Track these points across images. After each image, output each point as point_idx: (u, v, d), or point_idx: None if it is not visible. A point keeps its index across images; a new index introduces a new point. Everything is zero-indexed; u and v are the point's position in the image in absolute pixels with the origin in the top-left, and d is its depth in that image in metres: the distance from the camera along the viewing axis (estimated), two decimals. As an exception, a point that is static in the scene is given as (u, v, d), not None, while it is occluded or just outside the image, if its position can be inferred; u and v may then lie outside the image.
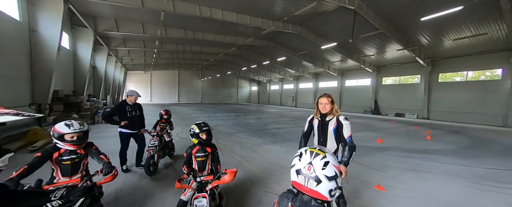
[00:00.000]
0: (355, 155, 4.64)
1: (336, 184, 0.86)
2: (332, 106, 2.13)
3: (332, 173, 0.86)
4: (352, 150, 1.97)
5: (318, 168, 0.86)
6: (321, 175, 0.85)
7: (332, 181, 0.85)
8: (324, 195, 0.85)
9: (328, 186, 0.84)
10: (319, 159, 0.88)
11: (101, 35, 12.80)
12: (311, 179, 0.86)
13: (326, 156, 0.89)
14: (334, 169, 0.87)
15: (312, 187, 0.86)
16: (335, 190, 0.87)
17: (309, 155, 0.90)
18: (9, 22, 6.25)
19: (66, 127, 1.74)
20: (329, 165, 0.86)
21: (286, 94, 32.30)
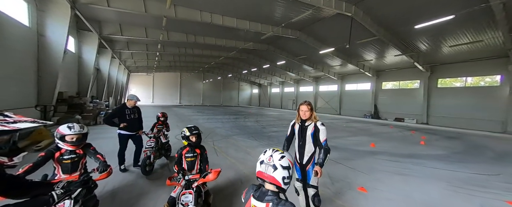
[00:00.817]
0: (345, 158, 4.81)
1: (289, 173, 1.10)
2: (311, 113, 2.32)
3: (286, 164, 1.10)
4: (327, 152, 2.17)
5: (276, 159, 1.11)
6: (277, 164, 1.10)
7: (286, 170, 1.09)
8: (278, 180, 1.08)
9: (282, 174, 1.08)
10: (278, 154, 1.14)
11: (106, 38, 13.21)
12: (270, 167, 1.10)
13: (284, 154, 1.15)
14: (288, 162, 1.12)
15: (270, 173, 1.10)
16: (287, 178, 1.10)
17: (271, 151, 1.17)
18: (18, 28, 6.61)
19: (67, 129, 1.96)
20: (284, 158, 1.12)
21: (286, 97, 32.46)
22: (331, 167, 4.38)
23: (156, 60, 21.47)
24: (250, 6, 10.49)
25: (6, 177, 1.05)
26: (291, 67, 24.21)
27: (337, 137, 8.19)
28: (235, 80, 38.25)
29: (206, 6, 10.28)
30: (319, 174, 2.09)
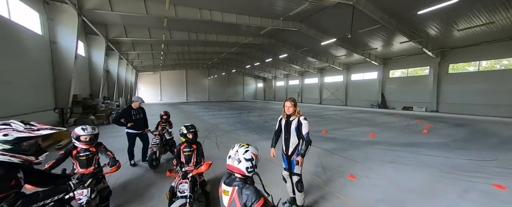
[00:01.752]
0: (342, 149, 4.97)
1: (252, 164, 1.35)
2: (295, 109, 2.53)
3: (249, 157, 1.35)
4: (308, 144, 2.40)
5: (241, 153, 1.35)
6: (241, 157, 1.34)
7: (248, 162, 1.34)
8: (243, 170, 1.34)
9: (246, 165, 1.33)
10: (243, 149, 1.38)
11: (112, 41, 13.74)
12: (235, 160, 1.35)
13: (249, 148, 1.38)
14: (251, 155, 1.36)
15: (236, 165, 1.35)
16: (251, 168, 1.35)
17: (238, 147, 1.41)
18: (33, 37, 7.13)
19: (82, 131, 2.30)
20: (248, 152, 1.36)
21: (291, 90, 32.30)
22: (325, 158, 4.58)
23: (161, 59, 22.02)
24: (249, 0, 10.44)
25: (35, 171, 1.37)
26: (295, 59, 23.92)
27: (337, 129, 8.28)
28: (239, 75, 38.40)
29: (204, 3, 10.37)
30: (300, 163, 2.33)
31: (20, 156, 1.14)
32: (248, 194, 1.27)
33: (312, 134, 6.92)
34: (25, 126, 1.17)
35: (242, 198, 1.27)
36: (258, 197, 1.28)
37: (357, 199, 2.81)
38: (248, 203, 1.26)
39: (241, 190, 1.30)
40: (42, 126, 1.23)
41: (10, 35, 5.96)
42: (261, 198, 1.29)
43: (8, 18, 5.83)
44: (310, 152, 4.91)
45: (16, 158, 1.13)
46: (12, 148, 1.10)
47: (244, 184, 1.32)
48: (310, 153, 4.85)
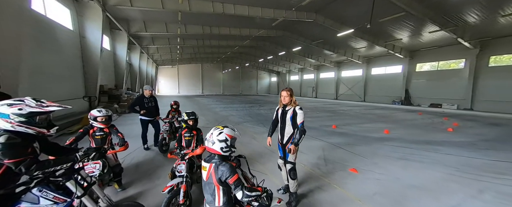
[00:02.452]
0: (349, 144, 4.84)
1: (226, 144, 1.44)
2: (291, 98, 2.53)
3: (223, 138, 1.45)
4: (302, 133, 2.41)
5: (215, 135, 1.47)
6: (215, 139, 1.45)
7: (222, 143, 1.44)
8: (217, 150, 1.44)
9: (220, 145, 1.45)
10: (217, 131, 1.49)
11: (134, 35, 14.66)
12: (210, 142, 1.46)
13: (223, 130, 1.48)
14: (225, 136, 1.46)
15: (211, 146, 1.46)
16: (226, 148, 1.44)
17: (214, 130, 1.51)
18: (66, 32, 7.94)
19: (98, 112, 2.61)
20: (222, 134, 1.46)
21: (306, 85, 31.45)
22: (330, 151, 4.49)
23: (177, 53, 22.95)
24: (261, -9, 10.23)
25: (50, 143, 1.62)
26: (310, 52, 23.05)
27: (349, 124, 7.95)
28: (253, 69, 38.36)
29: (217, -4, 10.43)
30: (292, 151, 2.35)
31: (34, 128, 1.35)
32: (223, 170, 1.36)
33: (321, 129, 6.85)
34: (36, 102, 1.37)
35: (217, 173, 1.36)
36: (233, 173, 1.36)
37: (355, 191, 2.75)
38: (222, 177, 1.35)
39: (217, 166, 1.39)
40: (50, 103, 1.43)
41: (47, 31, 6.73)
42: (235, 174, 1.36)
43: (44, 15, 6.58)
44: (315, 145, 4.94)
45: (31, 130, 1.34)
46: (26, 121, 1.31)
47: (222, 162, 1.41)
48: (314, 146, 4.87)
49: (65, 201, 1.49)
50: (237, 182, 1.35)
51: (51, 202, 1.44)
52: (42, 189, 1.42)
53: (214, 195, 1.39)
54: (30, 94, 4.54)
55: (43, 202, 1.42)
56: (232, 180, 1.34)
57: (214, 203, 1.40)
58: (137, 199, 2.66)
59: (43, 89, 6.10)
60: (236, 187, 1.35)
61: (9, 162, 1.23)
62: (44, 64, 6.30)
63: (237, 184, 1.35)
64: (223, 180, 1.35)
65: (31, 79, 5.37)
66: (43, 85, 6.17)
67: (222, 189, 1.39)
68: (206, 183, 1.44)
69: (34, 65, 5.71)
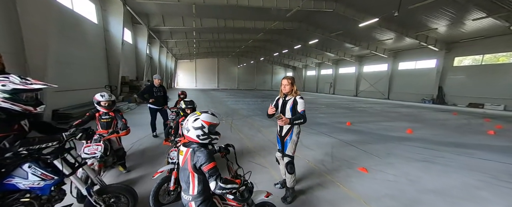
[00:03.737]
0: (362, 142, 4.44)
1: (202, 131, 1.32)
2: (292, 87, 2.31)
3: (198, 125, 1.32)
4: (301, 117, 2.18)
5: (190, 122, 1.34)
6: (190, 126, 1.33)
7: (198, 130, 1.32)
8: (194, 138, 1.32)
9: (196, 133, 1.31)
10: (193, 117, 1.36)
11: (153, 29, 15.29)
12: (185, 129, 1.35)
13: (200, 116, 1.35)
14: (202, 122, 1.32)
15: (187, 133, 1.34)
16: (202, 135, 1.32)
17: (190, 116, 1.39)
18: (92, 26, 8.55)
19: (101, 97, 2.69)
20: (198, 120, 1.34)
21: (323, 80, 30.03)
22: (339, 148, 4.16)
23: (194, 47, 23.51)
24: (276, -20, 9.74)
25: (41, 122, 1.66)
26: (329, 46, 21.73)
27: (366, 122, 7.34)
28: (268, 63, 37.80)
29: (231, -13, 10.23)
30: (282, 120, 2.05)
31: (19, 105, 1.38)
32: (199, 156, 1.25)
33: (333, 125, 6.43)
34: (21, 80, 1.38)
35: (193, 159, 1.25)
36: (209, 160, 1.23)
37: (360, 191, 2.47)
38: (197, 164, 1.23)
39: (194, 152, 1.27)
40: (36, 81, 1.44)
41: (74, 24, 7.31)
42: (212, 161, 1.23)
43: (72, 9, 7.12)
44: (323, 141, 4.64)
45: (16, 106, 1.36)
46: (11, 97, 1.34)
47: (200, 148, 1.29)
48: (322, 142, 4.57)
49: (53, 178, 1.52)
50: (212, 171, 1.22)
51: (39, 178, 1.47)
52: (31, 165, 1.46)
53: (189, 182, 1.29)
54: (57, 82, 4.89)
55: (31, 178, 1.46)
56: (207, 168, 1.22)
57: (188, 191, 1.29)
58: (136, 182, 2.73)
59: (68, 78, 6.69)
60: (210, 176, 1.22)
61: None
62: (70, 54, 6.88)
63: (212, 173, 1.22)
64: (198, 166, 1.23)
65: (57, 69, 5.90)
66: (69, 74, 6.76)
67: (197, 177, 1.27)
68: (181, 169, 1.34)
69: (60, 55, 6.25)
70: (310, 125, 6.50)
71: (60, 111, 5.79)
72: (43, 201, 1.57)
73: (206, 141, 1.33)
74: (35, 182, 1.47)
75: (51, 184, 1.53)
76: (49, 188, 1.54)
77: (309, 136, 5.13)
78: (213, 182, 1.21)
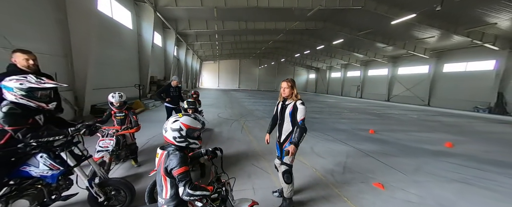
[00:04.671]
0: (385, 153, 3.96)
1: (179, 134, 1.27)
2: (292, 91, 2.16)
3: (176, 126, 1.29)
4: (302, 131, 2.02)
5: (169, 123, 1.32)
6: (168, 127, 1.30)
7: (175, 132, 1.28)
8: (170, 139, 1.29)
9: (172, 134, 1.28)
10: (173, 118, 1.33)
11: (181, 33, 16.48)
12: (164, 130, 1.32)
13: (180, 118, 1.32)
14: (180, 124, 1.29)
15: (164, 134, 1.32)
16: (179, 138, 1.28)
17: (173, 117, 1.36)
18: (128, 31, 9.63)
19: (112, 98, 2.94)
20: (177, 122, 1.30)
21: (349, 83, 27.95)
22: (355, 159, 3.73)
23: (217, 49, 24.50)
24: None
25: (55, 117, 1.86)
26: (357, 45, 20.12)
27: (394, 131, 6.48)
28: (289, 64, 37.00)
29: (251, -11, 10.31)
30: (290, 153, 2.00)
31: (34, 101, 1.56)
32: (171, 159, 1.21)
33: (352, 132, 5.88)
34: (36, 79, 1.57)
35: (166, 162, 1.22)
36: (181, 164, 1.18)
37: (371, 212, 2.12)
38: (168, 167, 1.19)
39: (169, 155, 1.24)
40: (48, 81, 1.62)
41: (114, 30, 8.33)
42: (183, 166, 1.18)
43: (111, 17, 8.14)
44: (338, 149, 4.24)
45: (31, 103, 1.55)
46: (27, 94, 1.52)
47: (175, 151, 1.25)
48: (337, 150, 4.19)
49: (59, 169, 1.68)
50: (182, 176, 1.17)
51: (48, 168, 1.65)
52: (43, 155, 1.65)
53: (162, 186, 1.26)
54: (96, 81, 5.63)
55: (42, 167, 1.64)
56: (177, 172, 1.17)
57: (162, 195, 1.27)
58: (143, 177, 2.88)
59: (105, 77, 7.62)
60: (180, 181, 1.17)
61: (9, 129, 1.45)
62: (108, 57, 7.84)
63: (181, 178, 1.17)
64: (169, 170, 1.19)
65: (97, 69, 6.78)
66: (107, 74, 7.70)
67: (169, 181, 1.24)
68: (157, 171, 1.32)
69: (100, 57, 7.16)
70: (326, 130, 6.05)
71: (97, 107, 6.63)
72: (52, 189, 1.76)
73: (182, 145, 1.29)
74: (45, 171, 1.65)
75: (57, 174, 1.70)
76: (56, 177, 1.71)
77: (322, 142, 4.76)
78: (181, 188, 1.16)
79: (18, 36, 4.30)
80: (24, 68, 2.30)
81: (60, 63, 5.50)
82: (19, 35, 4.35)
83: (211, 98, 15.27)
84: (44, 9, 4.96)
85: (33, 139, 1.52)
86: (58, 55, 5.39)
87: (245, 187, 2.64)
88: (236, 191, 2.51)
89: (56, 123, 1.85)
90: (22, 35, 4.43)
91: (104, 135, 2.75)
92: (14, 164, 1.59)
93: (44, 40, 4.99)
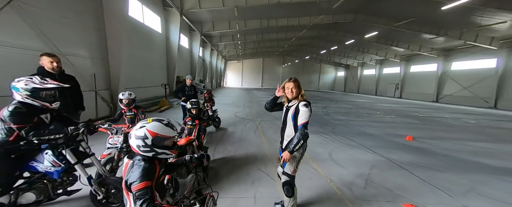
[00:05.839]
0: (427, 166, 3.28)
1: (143, 143, 1.11)
2: (299, 91, 1.91)
3: (141, 134, 1.12)
4: (301, 137, 1.74)
5: (135, 129, 1.16)
6: (133, 133, 1.15)
7: (139, 140, 1.12)
8: (134, 146, 1.13)
9: (136, 142, 1.12)
10: (141, 124, 1.17)
11: (205, 35, 17.21)
12: (129, 135, 1.16)
13: (147, 125, 1.15)
14: (145, 132, 1.12)
15: (130, 140, 1.16)
16: (143, 147, 1.12)
17: (142, 121, 1.20)
18: (158, 35, 10.46)
19: (121, 95, 3.07)
20: (142, 129, 1.13)
21: (386, 81, 24.84)
22: (383, 171, 3.13)
23: (240, 49, 24.80)
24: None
25: (62, 115, 1.97)
26: (396, 38, 17.61)
27: (442, 138, 5.33)
28: (315, 62, 34.96)
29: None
30: (282, 160, 1.77)
31: (38, 101, 1.66)
32: (133, 171, 1.06)
33: (384, 138, 5.07)
34: (40, 80, 1.66)
35: (127, 174, 1.08)
36: (141, 179, 1.02)
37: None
38: (128, 181, 1.04)
39: (132, 165, 1.10)
40: (51, 82, 1.70)
41: (145, 34, 9.14)
42: (144, 181, 1.02)
43: (142, 22, 8.93)
44: (362, 159, 3.66)
45: (36, 102, 1.65)
46: (31, 94, 1.62)
47: (140, 161, 1.11)
48: (361, 159, 3.62)
49: (60, 166, 1.76)
50: (141, 193, 1.01)
51: (51, 164, 1.74)
52: (48, 152, 1.75)
53: (126, 200, 1.13)
54: (128, 81, 6.21)
55: (46, 163, 1.74)
56: (136, 188, 1.01)
57: None
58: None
59: (136, 77, 8.39)
60: (137, 199, 1.01)
61: (14, 126, 1.56)
62: (139, 59, 8.62)
63: (140, 195, 1.00)
64: (128, 184, 1.05)
65: (129, 70, 7.50)
66: (137, 74, 8.48)
67: (132, 196, 1.09)
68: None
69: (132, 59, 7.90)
70: (350, 134, 5.36)
71: (128, 104, 7.34)
72: (57, 184, 1.87)
73: (148, 155, 1.13)
74: (48, 167, 1.75)
75: (60, 170, 1.79)
76: (59, 174, 1.80)
77: (343, 148, 4.18)
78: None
79: (65, 43, 5.00)
80: (49, 70, 2.57)
81: (98, 66, 6.25)
82: (66, 42, 5.05)
83: (231, 97, 15.52)
84: (87, 20, 5.67)
85: (35, 137, 1.62)
86: (97, 59, 6.13)
87: (246, 195, 2.42)
88: (235, 199, 2.32)
89: (64, 122, 1.98)
90: (68, 42, 5.14)
91: (113, 132, 2.89)
92: (24, 159, 1.74)
93: (85, 46, 5.72)
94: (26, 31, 3.96)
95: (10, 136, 1.62)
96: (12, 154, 1.60)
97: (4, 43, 3.53)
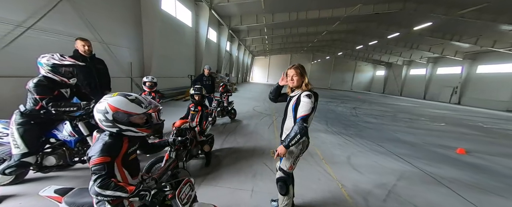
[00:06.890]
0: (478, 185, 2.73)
1: (104, 117, 1.06)
2: (302, 79, 1.67)
3: (102, 108, 1.08)
4: (298, 131, 1.51)
5: (98, 103, 1.11)
6: (96, 107, 1.10)
7: (100, 114, 1.08)
8: (97, 121, 1.09)
9: (97, 116, 1.09)
10: (103, 98, 1.12)
11: (233, 29, 17.46)
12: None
13: (110, 99, 1.09)
14: (106, 107, 1.06)
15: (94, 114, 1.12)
16: (105, 121, 1.07)
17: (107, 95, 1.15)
18: (188, 28, 11.09)
19: (146, 78, 3.29)
20: (103, 103, 1.08)
21: (439, 83, 21.00)
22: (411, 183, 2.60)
23: (267, 44, 24.42)
24: None
25: (82, 92, 2.18)
26: (459, 31, 14.51)
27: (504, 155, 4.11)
28: (349, 59, 31.84)
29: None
30: (276, 154, 1.57)
31: (57, 75, 1.85)
32: (94, 145, 1.03)
33: (426, 148, 4.22)
34: (60, 57, 1.84)
35: (91, 147, 1.06)
36: (100, 153, 0.98)
37: None
38: (89, 154, 1.02)
39: (98, 139, 1.08)
40: (69, 59, 1.88)
41: (176, 28, 9.79)
42: (101, 156, 0.98)
43: (175, 16, 9.57)
44: (389, 167, 3.16)
45: (56, 77, 1.85)
46: (51, 69, 1.81)
47: (105, 137, 1.08)
48: (386, 168, 3.14)
49: (75, 136, 1.96)
50: (96, 168, 0.96)
51: (68, 134, 1.96)
52: (66, 123, 1.97)
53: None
54: (158, 71, 6.83)
55: (64, 133, 1.97)
56: (93, 162, 0.97)
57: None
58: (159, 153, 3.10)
59: (167, 68, 9.09)
60: (93, 173, 0.97)
61: (37, 97, 1.78)
62: (171, 50, 9.30)
63: (95, 170, 0.96)
64: (87, 158, 1.02)
65: (160, 61, 8.17)
66: (167, 65, 9.17)
67: None
68: None
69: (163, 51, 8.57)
70: (378, 139, 4.66)
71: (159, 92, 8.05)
72: (74, 152, 2.10)
73: (112, 130, 1.08)
74: (66, 136, 1.97)
75: (75, 140, 2.00)
76: (74, 143, 2.01)
77: (366, 153, 3.64)
78: (91, 182, 0.96)
79: (108, 34, 5.69)
80: (82, 53, 2.91)
81: (135, 55, 6.98)
82: (109, 33, 5.74)
83: (254, 92, 15.51)
84: (126, 14, 6.35)
85: (53, 108, 1.82)
86: (134, 49, 6.85)
87: (244, 187, 2.31)
88: (232, 190, 2.22)
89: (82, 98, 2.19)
90: (110, 33, 5.83)
91: None
92: (49, 126, 1.99)
93: (124, 37, 6.43)
94: (76, 21, 4.63)
95: (36, 105, 1.86)
96: (33, 120, 1.85)
97: (58, 31, 4.20)
